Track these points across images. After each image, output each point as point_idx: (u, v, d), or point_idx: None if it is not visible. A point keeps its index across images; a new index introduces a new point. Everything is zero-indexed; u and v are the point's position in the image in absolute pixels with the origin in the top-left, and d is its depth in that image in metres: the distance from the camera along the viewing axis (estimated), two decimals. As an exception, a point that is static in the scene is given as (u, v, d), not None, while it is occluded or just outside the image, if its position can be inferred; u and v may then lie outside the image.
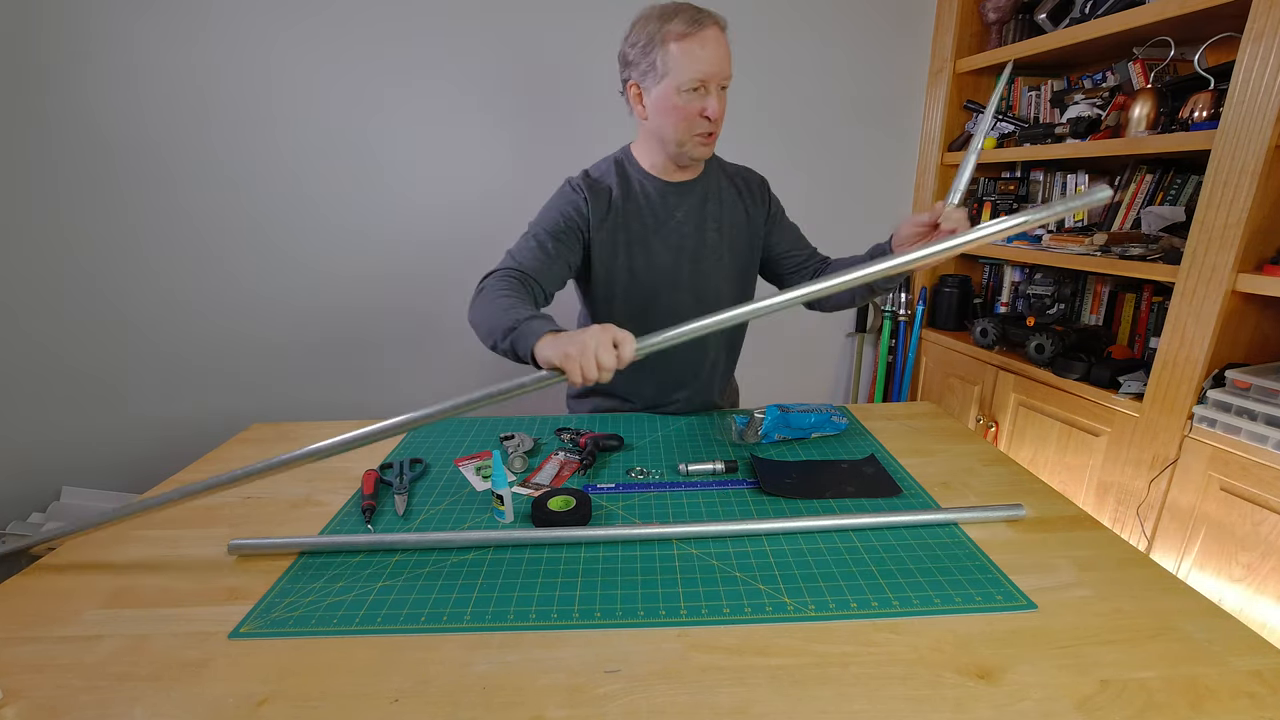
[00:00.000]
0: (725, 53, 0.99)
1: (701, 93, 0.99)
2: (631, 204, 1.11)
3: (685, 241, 1.13)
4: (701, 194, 1.13)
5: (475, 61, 1.84)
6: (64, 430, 1.97)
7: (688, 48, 0.96)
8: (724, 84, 1.01)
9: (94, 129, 1.76)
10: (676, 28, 0.96)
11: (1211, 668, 0.60)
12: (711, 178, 1.15)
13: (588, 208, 1.08)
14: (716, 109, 1.00)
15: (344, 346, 2.05)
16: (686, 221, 1.12)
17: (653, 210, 1.11)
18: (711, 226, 1.14)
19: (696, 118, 1.00)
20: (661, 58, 0.98)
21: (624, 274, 1.12)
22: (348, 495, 0.95)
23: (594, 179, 1.11)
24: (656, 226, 1.11)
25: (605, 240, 1.10)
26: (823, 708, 0.56)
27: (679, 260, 1.13)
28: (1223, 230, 1.26)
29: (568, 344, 0.78)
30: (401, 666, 0.61)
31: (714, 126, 1.02)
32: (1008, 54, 1.79)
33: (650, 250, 1.11)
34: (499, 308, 0.91)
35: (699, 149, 1.05)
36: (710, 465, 1.00)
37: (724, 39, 0.99)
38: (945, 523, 0.85)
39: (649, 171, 1.12)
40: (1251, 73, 1.20)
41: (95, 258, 1.86)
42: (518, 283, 1.00)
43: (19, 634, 0.66)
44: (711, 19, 0.98)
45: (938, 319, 2.15)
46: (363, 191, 1.91)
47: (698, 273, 1.14)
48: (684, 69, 0.97)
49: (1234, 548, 1.26)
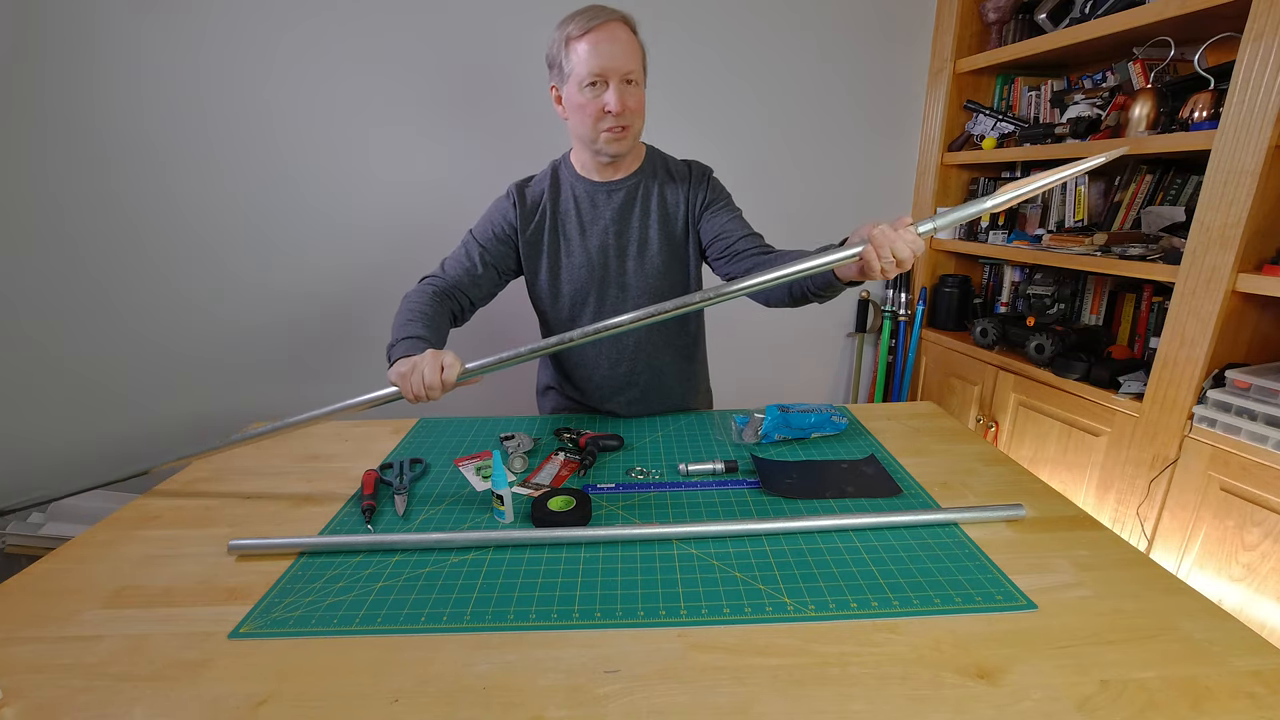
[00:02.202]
0: (624, 47, 0.99)
1: (600, 87, 1.00)
2: (561, 207, 1.14)
3: (613, 240, 1.14)
4: (633, 190, 1.14)
5: (469, 61, 1.84)
6: (64, 430, 1.97)
7: (585, 44, 0.98)
8: (627, 77, 1.01)
9: (93, 129, 1.76)
10: (575, 27, 0.99)
11: (1211, 668, 0.60)
12: (645, 174, 1.15)
13: (515, 214, 1.13)
14: (615, 102, 1.00)
15: (344, 346, 2.05)
16: (616, 219, 1.14)
17: (580, 212, 1.14)
18: (637, 222, 1.14)
19: (600, 113, 1.02)
20: (566, 58, 1.01)
21: (551, 277, 1.16)
22: (348, 495, 0.95)
23: (527, 185, 1.16)
24: (584, 228, 1.14)
25: (533, 245, 1.15)
26: (822, 708, 0.56)
27: (606, 259, 1.15)
28: (1223, 230, 1.26)
29: (403, 364, 0.88)
30: (401, 666, 0.61)
31: (619, 120, 1.02)
32: (1008, 54, 1.79)
33: (576, 251, 1.14)
34: (397, 323, 1.01)
35: (610, 144, 1.05)
36: (710, 465, 1.00)
37: (624, 33, 1.00)
38: (945, 523, 0.85)
39: (580, 173, 1.14)
40: (1251, 73, 1.20)
41: (95, 257, 1.86)
42: (435, 294, 1.08)
43: (19, 634, 0.66)
44: (611, 15, 1.00)
45: (938, 319, 2.15)
46: (363, 191, 1.91)
47: (625, 270, 1.15)
48: (582, 65, 0.99)
49: (1234, 548, 1.26)
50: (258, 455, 1.10)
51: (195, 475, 1.03)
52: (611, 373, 1.22)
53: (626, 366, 1.21)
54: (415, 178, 1.93)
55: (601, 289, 1.16)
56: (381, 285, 2.01)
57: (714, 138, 1.98)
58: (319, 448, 1.13)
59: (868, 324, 2.25)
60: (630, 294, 1.16)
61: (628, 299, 1.17)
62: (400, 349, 0.93)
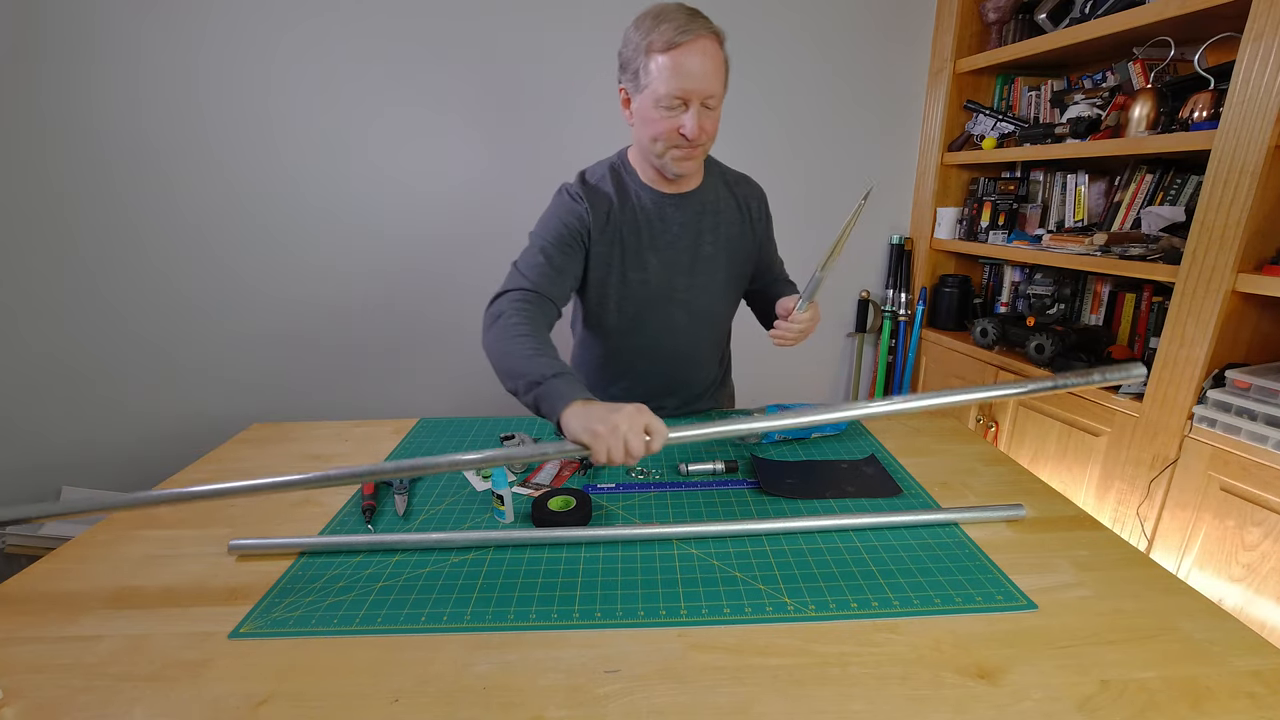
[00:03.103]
0: (712, 67, 0.90)
1: (678, 109, 0.92)
2: (628, 215, 1.05)
3: (681, 256, 1.09)
4: (699, 206, 1.09)
5: (469, 61, 1.84)
6: (64, 430, 1.97)
7: (668, 61, 0.89)
8: (708, 101, 0.92)
9: (93, 130, 1.76)
10: (660, 38, 0.88)
11: (1211, 668, 0.60)
12: (710, 189, 1.10)
13: (589, 216, 1.03)
14: (693, 128, 0.92)
15: (344, 346, 2.05)
16: (683, 235, 1.08)
17: (649, 222, 1.06)
18: (708, 240, 1.09)
19: (674, 134, 0.94)
20: (644, 67, 0.91)
21: (618, 286, 1.08)
22: (348, 495, 0.95)
23: (592, 186, 1.06)
24: (652, 239, 1.07)
25: (603, 251, 1.06)
26: (822, 708, 0.56)
27: (673, 274, 1.09)
28: (1223, 230, 1.26)
29: (598, 422, 0.72)
30: (401, 666, 0.61)
31: (692, 144, 0.95)
32: (1008, 54, 1.79)
33: (645, 263, 1.07)
34: (520, 351, 0.85)
35: (677, 165, 0.99)
36: (710, 465, 1.00)
37: (713, 51, 0.90)
38: (945, 523, 0.85)
39: (645, 182, 1.06)
40: (1251, 73, 1.20)
41: (95, 257, 1.86)
42: (534, 308, 0.94)
43: (19, 634, 0.66)
44: (701, 29, 0.89)
45: (938, 319, 2.15)
46: (363, 191, 1.92)
47: (692, 286, 1.11)
48: (662, 83, 0.90)
49: (1234, 548, 1.26)
50: (258, 455, 1.10)
51: (195, 475, 1.03)
52: (671, 381, 1.21)
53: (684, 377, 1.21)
54: (419, 179, 1.93)
55: (666, 306, 1.10)
56: (383, 287, 2.01)
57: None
58: (319, 448, 1.13)
59: (868, 324, 2.25)
60: (692, 312, 1.13)
61: (688, 317, 1.13)
62: (559, 389, 0.79)
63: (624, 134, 1.06)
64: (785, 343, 1.03)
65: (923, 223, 2.13)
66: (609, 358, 1.18)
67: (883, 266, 2.25)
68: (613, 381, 1.22)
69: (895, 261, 2.20)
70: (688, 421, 0.81)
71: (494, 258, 2.00)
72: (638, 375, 1.19)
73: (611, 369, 1.20)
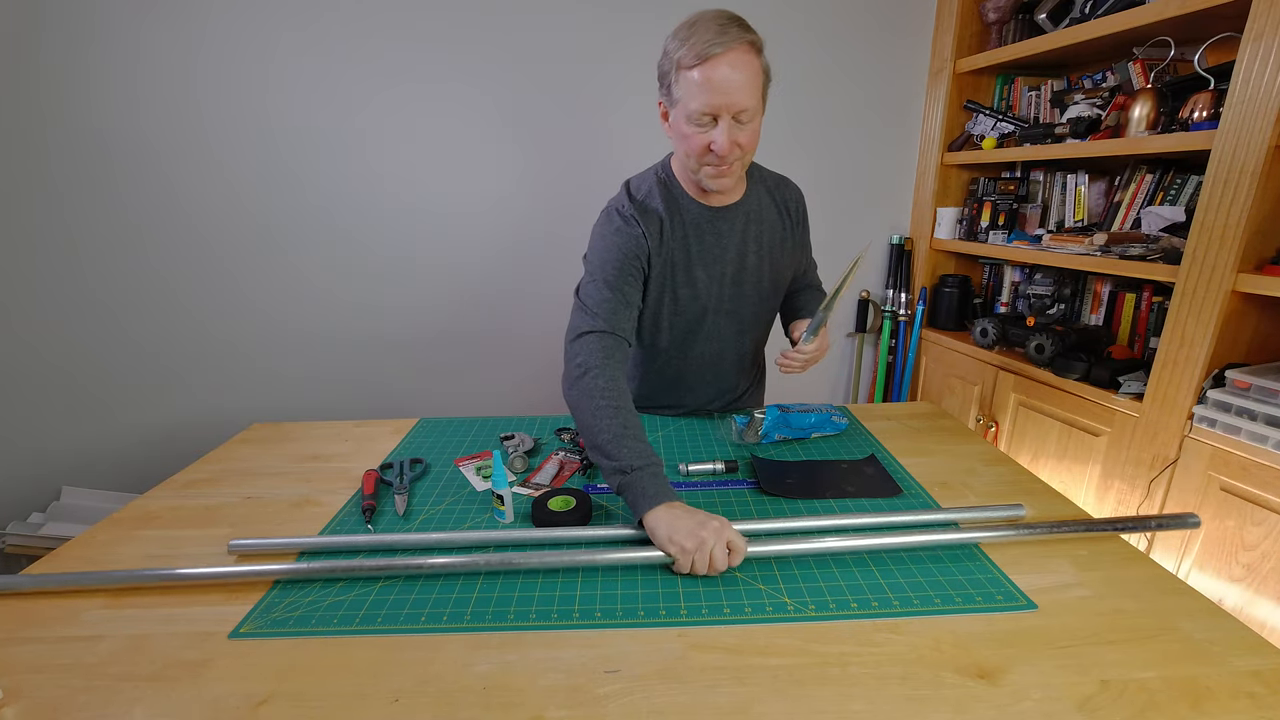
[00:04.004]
0: (743, 80, 0.87)
1: (709, 125, 0.90)
2: (678, 230, 1.04)
3: (727, 267, 1.08)
4: (744, 216, 1.07)
5: (480, 64, 1.84)
6: (64, 431, 1.97)
7: (697, 75, 0.87)
8: (740, 116, 0.89)
9: (92, 131, 1.76)
10: (690, 53, 0.87)
11: (1211, 668, 0.60)
12: (753, 198, 1.08)
13: (646, 241, 1.01)
14: (722, 144, 0.90)
15: (344, 346, 2.05)
16: (729, 247, 1.07)
17: (698, 235, 1.05)
18: (752, 249, 1.09)
19: (704, 150, 0.92)
20: (676, 83, 0.90)
21: (670, 301, 1.07)
22: (348, 495, 0.95)
23: (642, 204, 1.03)
24: (701, 252, 1.05)
25: (658, 270, 1.05)
26: (822, 708, 0.56)
27: (721, 286, 1.08)
28: (1223, 230, 1.26)
29: (686, 537, 0.73)
30: (401, 666, 0.61)
31: (724, 160, 0.93)
32: (1008, 54, 1.79)
33: (694, 277, 1.06)
34: (608, 427, 0.85)
35: (713, 181, 0.97)
36: (710, 465, 1.00)
37: (746, 59, 0.88)
38: (945, 523, 0.85)
39: (691, 195, 1.04)
40: (1251, 73, 1.20)
41: (94, 259, 1.86)
42: (614, 359, 0.93)
43: (19, 634, 0.66)
44: (735, 40, 0.87)
45: (938, 319, 2.15)
46: (363, 193, 1.91)
47: (739, 295, 1.11)
48: (692, 98, 0.88)
49: (1234, 548, 1.26)
50: (258, 455, 1.10)
51: (195, 475, 1.03)
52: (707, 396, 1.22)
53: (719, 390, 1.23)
54: (419, 183, 1.92)
55: (714, 319, 1.11)
56: (382, 287, 2.01)
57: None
58: (319, 448, 1.13)
59: (868, 324, 2.25)
60: (739, 321, 1.14)
61: (735, 327, 1.14)
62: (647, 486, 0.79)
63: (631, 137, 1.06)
64: (790, 370, 1.05)
65: (923, 223, 2.13)
66: (658, 371, 1.19)
67: (883, 266, 2.25)
68: (665, 391, 1.22)
69: (895, 261, 2.20)
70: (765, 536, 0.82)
71: (494, 257, 2.02)
72: (686, 388, 1.20)
73: (657, 380, 1.20)
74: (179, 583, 0.74)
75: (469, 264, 2.02)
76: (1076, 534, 0.79)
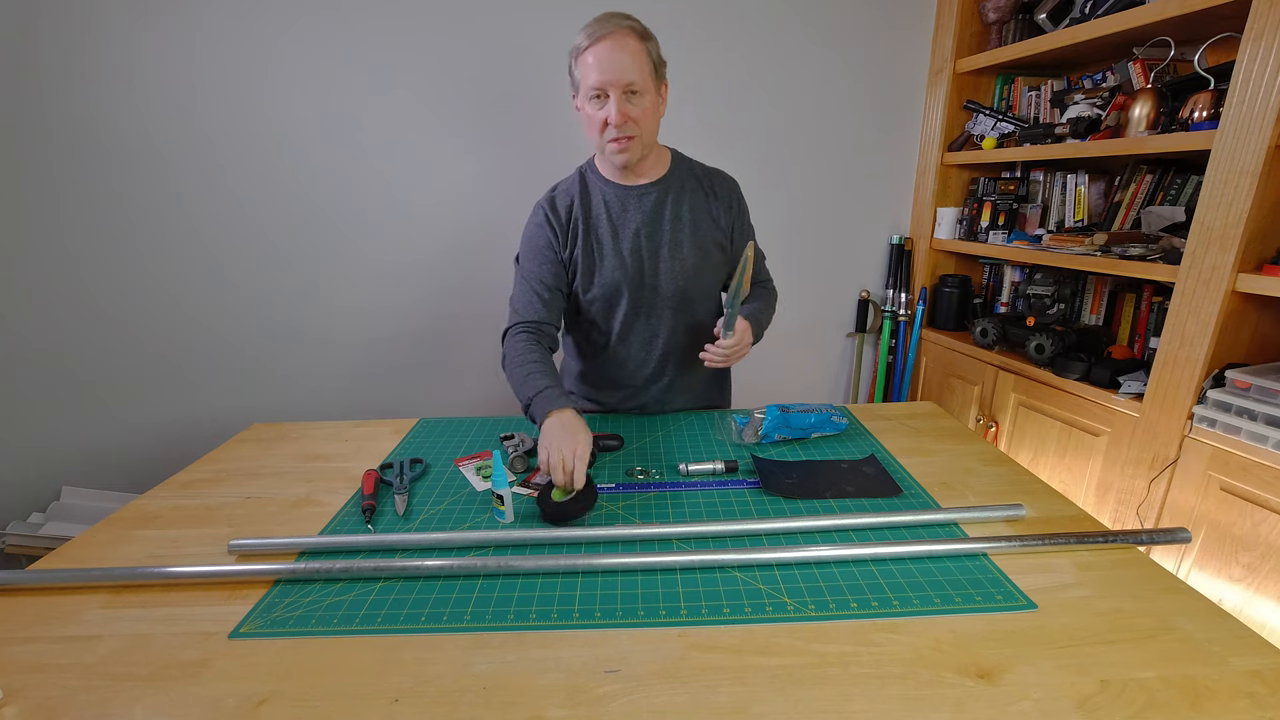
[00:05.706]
0: (627, 58, 0.98)
1: (602, 99, 1.01)
2: (593, 213, 1.14)
3: (645, 241, 1.14)
4: (663, 194, 1.14)
5: (481, 64, 1.84)
6: (64, 430, 1.96)
7: (587, 59, 0.99)
8: (630, 89, 1.00)
9: (91, 130, 1.75)
10: (582, 39, 1.00)
11: (1211, 668, 0.60)
12: (674, 178, 1.15)
13: (556, 236, 1.13)
14: (614, 114, 1.00)
15: (344, 346, 2.05)
16: (648, 222, 1.13)
17: (611, 216, 1.13)
18: (670, 225, 1.14)
19: (603, 124, 1.02)
20: (575, 67, 1.03)
21: (586, 281, 1.15)
22: (348, 495, 0.95)
23: (557, 197, 1.15)
24: (616, 231, 1.13)
25: (578, 255, 1.14)
26: (822, 708, 0.56)
27: (640, 261, 1.14)
28: (1223, 230, 1.26)
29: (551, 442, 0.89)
30: (401, 666, 0.61)
31: (621, 131, 1.02)
32: (1008, 54, 1.79)
33: (609, 255, 1.13)
34: (519, 375, 1.03)
35: (616, 155, 1.06)
36: (710, 465, 1.00)
37: (627, 42, 0.98)
38: (945, 523, 0.85)
39: (607, 178, 1.14)
40: (1251, 73, 1.20)
41: (94, 258, 1.85)
42: (533, 337, 1.09)
43: (19, 634, 0.66)
44: (615, 25, 0.99)
45: (938, 319, 2.15)
46: (362, 193, 1.91)
47: (658, 272, 1.15)
48: (585, 77, 1.00)
49: (1234, 548, 1.26)
50: (258, 455, 1.10)
51: (195, 475, 1.03)
52: (639, 370, 1.23)
53: (656, 365, 1.23)
54: (418, 182, 1.92)
55: (635, 290, 1.16)
56: (381, 287, 2.01)
57: (715, 137, 1.98)
58: (319, 448, 1.13)
59: (868, 324, 2.25)
60: (662, 294, 1.17)
61: (660, 299, 1.17)
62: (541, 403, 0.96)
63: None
64: (713, 363, 1.09)
65: (923, 223, 2.13)
66: (606, 359, 1.21)
67: (883, 266, 2.24)
68: (610, 387, 1.24)
69: (895, 261, 2.20)
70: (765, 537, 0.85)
71: (493, 256, 2.01)
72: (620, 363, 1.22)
73: (600, 374, 1.24)
74: (179, 582, 0.74)
75: (469, 264, 2.02)
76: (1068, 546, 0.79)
